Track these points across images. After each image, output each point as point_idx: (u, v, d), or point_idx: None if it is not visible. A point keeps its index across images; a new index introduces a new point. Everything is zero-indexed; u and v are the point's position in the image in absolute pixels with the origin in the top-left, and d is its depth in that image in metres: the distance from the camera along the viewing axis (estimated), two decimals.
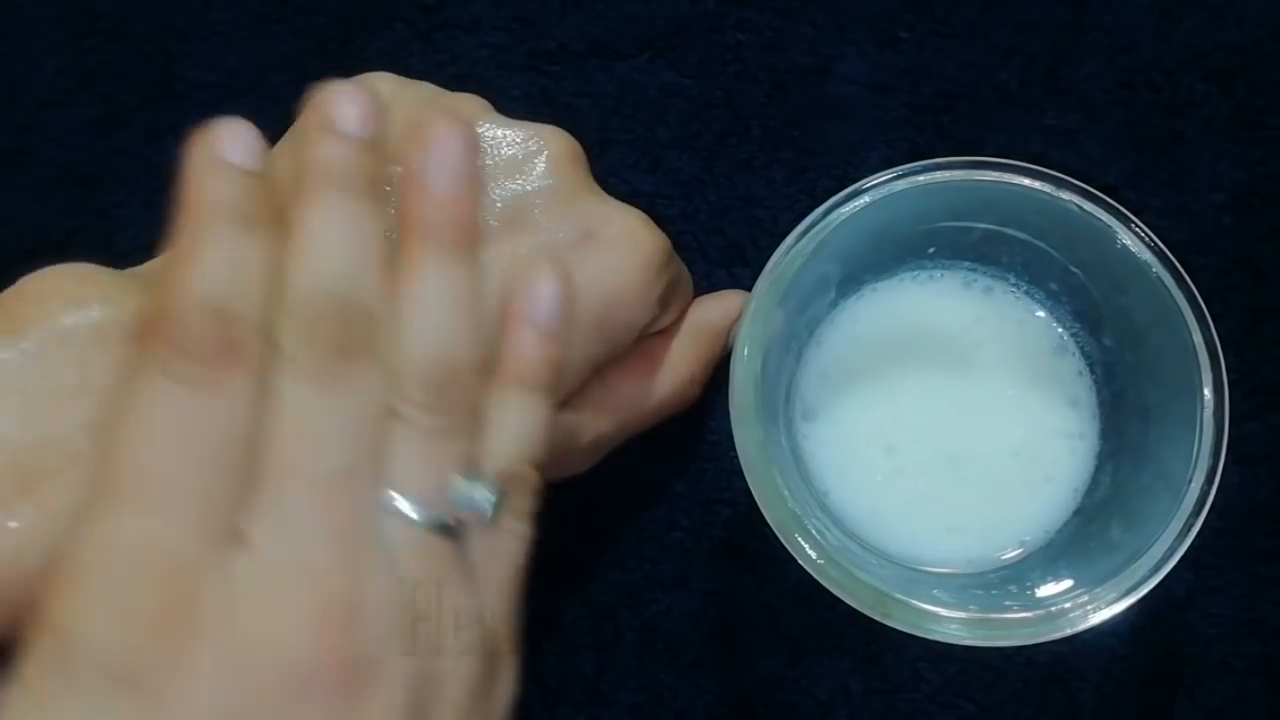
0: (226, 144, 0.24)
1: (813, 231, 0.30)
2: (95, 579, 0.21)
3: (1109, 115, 0.39)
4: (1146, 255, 0.30)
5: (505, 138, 0.30)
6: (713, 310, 0.35)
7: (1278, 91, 0.39)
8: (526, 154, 0.30)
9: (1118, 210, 0.30)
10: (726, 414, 0.29)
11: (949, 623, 0.28)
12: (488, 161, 0.30)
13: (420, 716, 0.23)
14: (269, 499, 0.22)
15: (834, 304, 0.34)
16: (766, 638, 0.36)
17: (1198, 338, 0.29)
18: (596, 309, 0.30)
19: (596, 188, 0.31)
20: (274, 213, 0.24)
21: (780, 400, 0.33)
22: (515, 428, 0.27)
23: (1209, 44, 0.39)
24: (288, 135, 0.30)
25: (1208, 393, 0.28)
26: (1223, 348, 0.29)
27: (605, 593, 0.36)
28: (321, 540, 0.22)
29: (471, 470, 0.25)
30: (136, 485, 0.22)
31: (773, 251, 0.30)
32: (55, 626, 0.21)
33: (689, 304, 0.34)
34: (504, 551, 0.26)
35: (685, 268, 0.34)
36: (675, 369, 0.33)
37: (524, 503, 0.26)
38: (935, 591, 0.29)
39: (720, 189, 0.39)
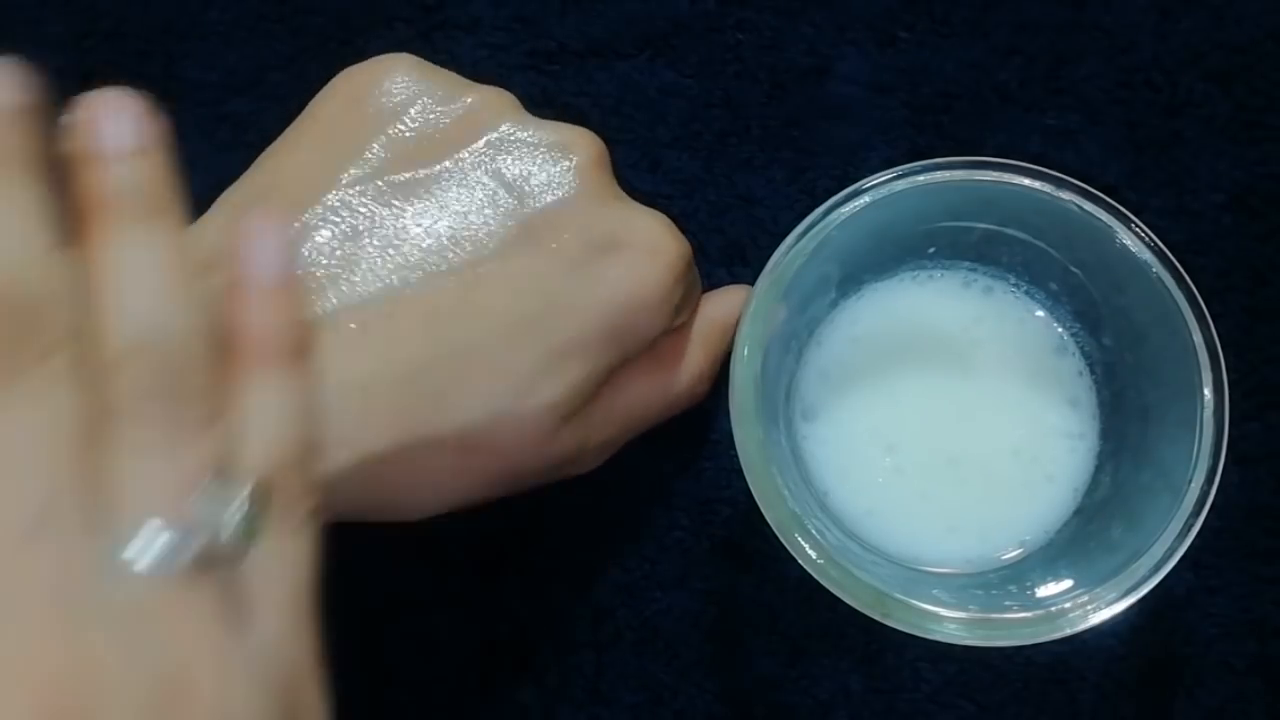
0: None
1: (813, 231, 0.30)
2: None
3: (1109, 115, 0.39)
4: (1146, 255, 0.30)
5: (531, 140, 0.30)
6: (719, 307, 0.34)
7: (1277, 91, 0.39)
8: (552, 158, 0.30)
9: (1117, 210, 0.30)
10: (726, 413, 0.29)
11: (949, 623, 0.28)
12: (513, 164, 0.30)
13: None
14: None
15: (834, 304, 0.34)
16: (766, 637, 0.36)
17: (1198, 338, 0.29)
18: (617, 316, 0.29)
19: (620, 191, 0.31)
20: None
21: (780, 400, 0.33)
22: (267, 416, 0.22)
23: (1209, 44, 0.39)
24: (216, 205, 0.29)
25: (1208, 393, 0.28)
26: (1223, 348, 0.29)
27: (605, 592, 0.36)
28: (25, 623, 0.17)
29: (223, 474, 0.20)
30: None
31: (773, 251, 0.30)
32: None
33: (699, 303, 0.34)
34: (284, 573, 0.21)
35: (697, 273, 0.34)
36: (685, 367, 0.33)
37: (297, 505, 0.22)
38: (935, 591, 0.29)
39: (720, 188, 0.39)
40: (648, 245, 0.30)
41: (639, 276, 0.30)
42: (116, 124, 0.22)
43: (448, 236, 0.29)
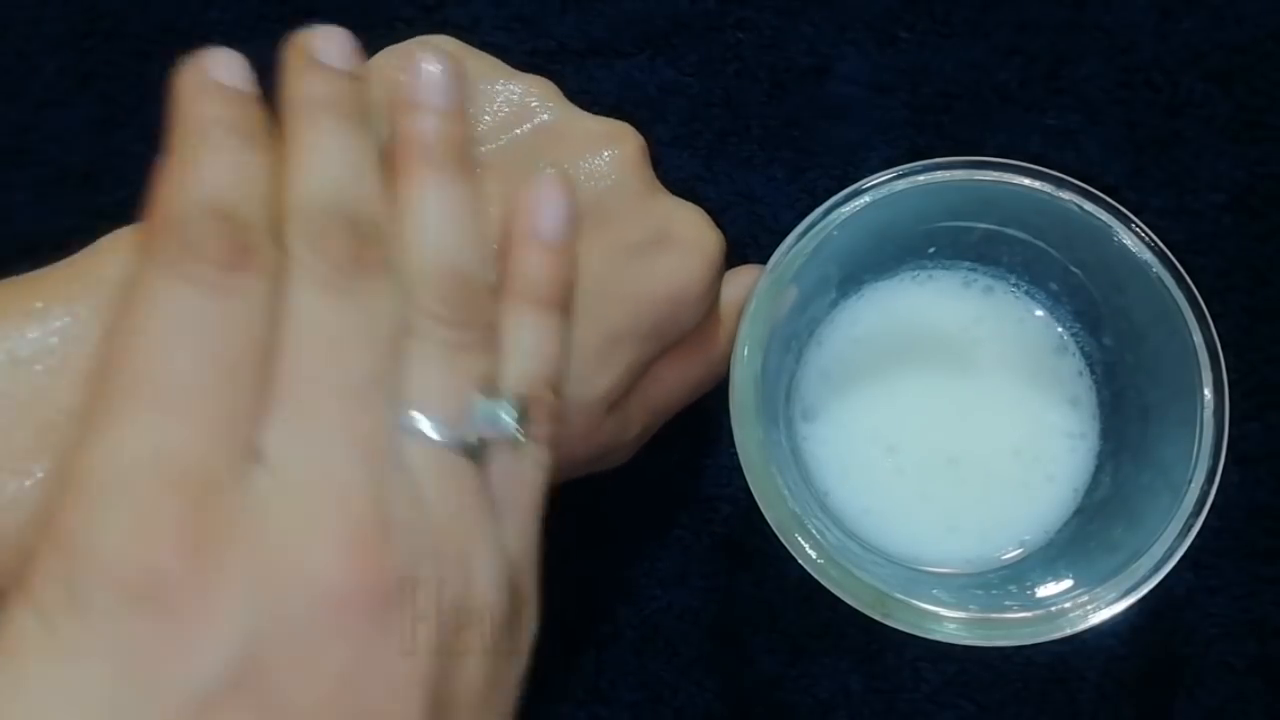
0: (218, 67, 0.24)
1: (813, 231, 0.30)
2: (109, 490, 0.20)
3: (1109, 115, 0.39)
4: (1146, 255, 0.30)
5: (578, 130, 0.30)
6: (736, 289, 0.35)
7: (1278, 91, 0.39)
8: (599, 148, 0.30)
9: (1118, 210, 0.30)
10: (726, 413, 0.29)
11: (949, 623, 0.28)
12: (561, 153, 0.30)
13: (449, 646, 0.22)
14: (288, 412, 0.21)
15: (834, 304, 0.34)
16: (766, 636, 0.36)
17: (1198, 338, 0.29)
18: (665, 309, 0.30)
19: (661, 187, 0.31)
20: (269, 135, 0.24)
21: (780, 400, 0.33)
22: (530, 346, 0.26)
23: (1209, 44, 0.39)
24: None
25: (1208, 393, 0.28)
26: (1223, 348, 0.29)
27: (605, 590, 0.36)
28: (344, 457, 0.21)
29: (491, 389, 0.24)
30: (152, 390, 0.20)
31: (773, 250, 0.30)
32: (64, 542, 0.19)
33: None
34: (526, 477, 0.25)
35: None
36: (710, 350, 0.33)
37: (544, 426, 0.25)
38: (935, 591, 0.29)
39: (720, 187, 0.39)
40: (694, 240, 0.30)
41: (688, 271, 0.30)
42: (439, 86, 0.26)
43: (498, 220, 0.28)
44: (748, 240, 0.38)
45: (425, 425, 0.23)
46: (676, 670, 0.36)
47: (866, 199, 0.30)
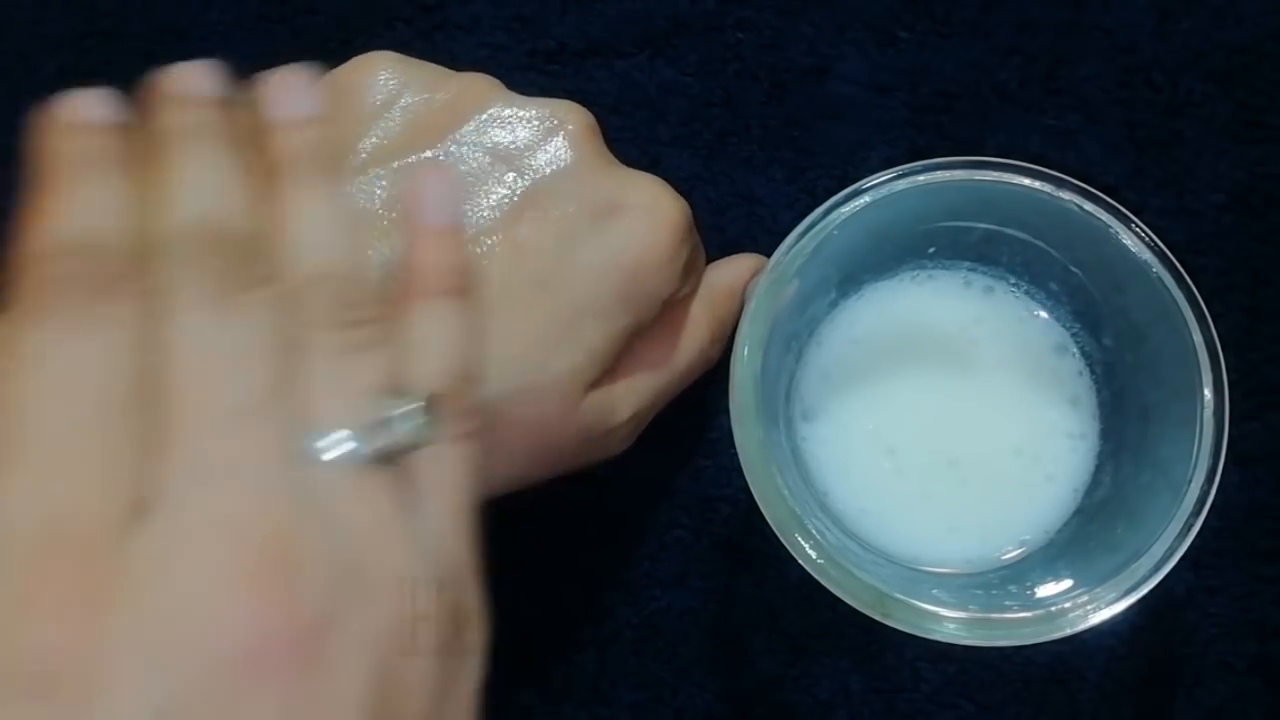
0: (79, 107, 0.23)
1: (813, 231, 0.30)
2: None
3: (1109, 115, 0.39)
4: (1146, 255, 0.30)
5: (521, 116, 0.31)
6: (726, 273, 0.35)
7: (1278, 91, 0.39)
8: (544, 131, 0.30)
9: (1118, 210, 0.30)
10: (726, 413, 0.29)
11: (949, 623, 0.28)
12: (507, 141, 0.30)
13: (391, 681, 0.21)
14: (179, 448, 0.20)
15: (834, 304, 0.34)
16: (766, 636, 0.36)
17: (1198, 338, 0.29)
18: (625, 278, 0.30)
19: (613, 158, 0.31)
20: (137, 165, 0.23)
21: (780, 400, 0.33)
22: (436, 339, 0.25)
23: (1209, 44, 0.39)
24: None
25: (1208, 393, 0.28)
26: (1223, 348, 0.29)
27: (605, 590, 0.36)
28: (240, 489, 0.20)
29: (396, 390, 0.23)
30: (28, 447, 0.19)
31: (773, 250, 0.30)
32: None
33: (703, 271, 0.35)
34: (448, 477, 0.24)
35: (699, 236, 0.34)
36: (696, 332, 0.34)
37: (462, 421, 0.24)
38: (935, 591, 0.29)
39: (720, 187, 0.39)
40: (648, 205, 0.31)
41: (643, 235, 0.30)
42: (293, 97, 0.25)
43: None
44: (747, 241, 0.38)
45: (327, 441, 0.21)
46: (676, 670, 0.36)
47: (866, 199, 0.30)
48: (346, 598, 0.20)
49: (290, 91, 0.25)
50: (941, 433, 0.33)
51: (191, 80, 0.25)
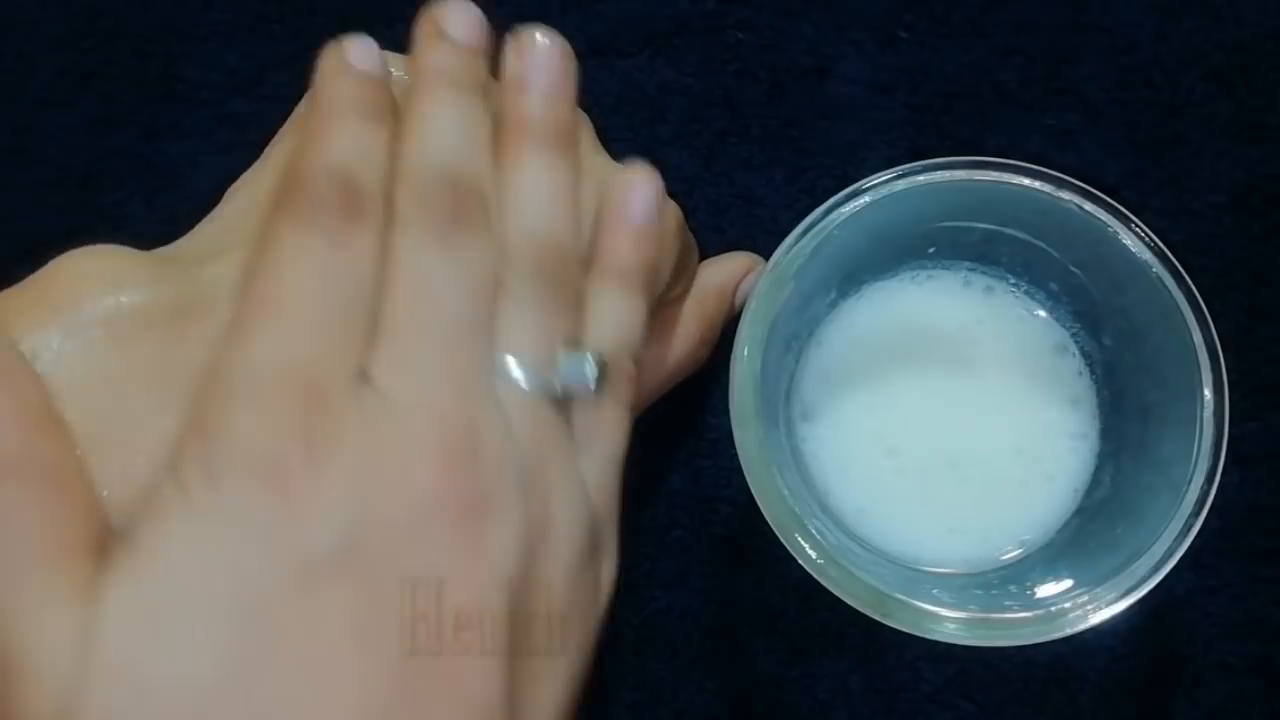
0: (354, 53, 0.27)
1: (813, 231, 0.30)
2: (242, 386, 0.23)
3: (1109, 115, 0.39)
4: (1146, 255, 0.30)
5: None
6: (717, 272, 0.35)
7: (1278, 91, 0.39)
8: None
9: (1118, 210, 0.30)
10: (726, 413, 0.29)
11: (949, 623, 0.28)
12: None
13: (530, 560, 0.24)
14: (393, 345, 0.24)
15: (834, 304, 0.34)
16: (766, 637, 0.36)
17: (1198, 338, 0.29)
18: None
19: (604, 152, 0.31)
20: (392, 112, 0.27)
21: (780, 400, 0.33)
22: (614, 317, 0.28)
23: (1209, 44, 0.39)
24: (288, 123, 0.30)
25: (1208, 393, 0.28)
26: (1223, 348, 0.29)
27: None
28: (442, 386, 0.24)
29: (576, 346, 0.27)
30: (279, 312, 0.24)
31: (772, 250, 0.30)
32: (204, 429, 0.23)
33: (696, 271, 0.34)
34: (606, 431, 0.27)
35: (692, 236, 0.34)
36: (686, 332, 0.34)
37: (622, 388, 0.28)
38: (935, 591, 0.29)
39: (720, 187, 0.39)
40: None
41: None
42: (542, 63, 0.29)
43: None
44: (747, 241, 0.38)
45: (514, 368, 0.25)
46: (676, 670, 0.36)
47: (866, 199, 0.30)
48: (512, 491, 0.24)
49: (547, 62, 0.29)
50: (941, 433, 0.33)
51: (455, 22, 0.28)
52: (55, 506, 0.23)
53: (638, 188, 0.29)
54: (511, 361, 0.25)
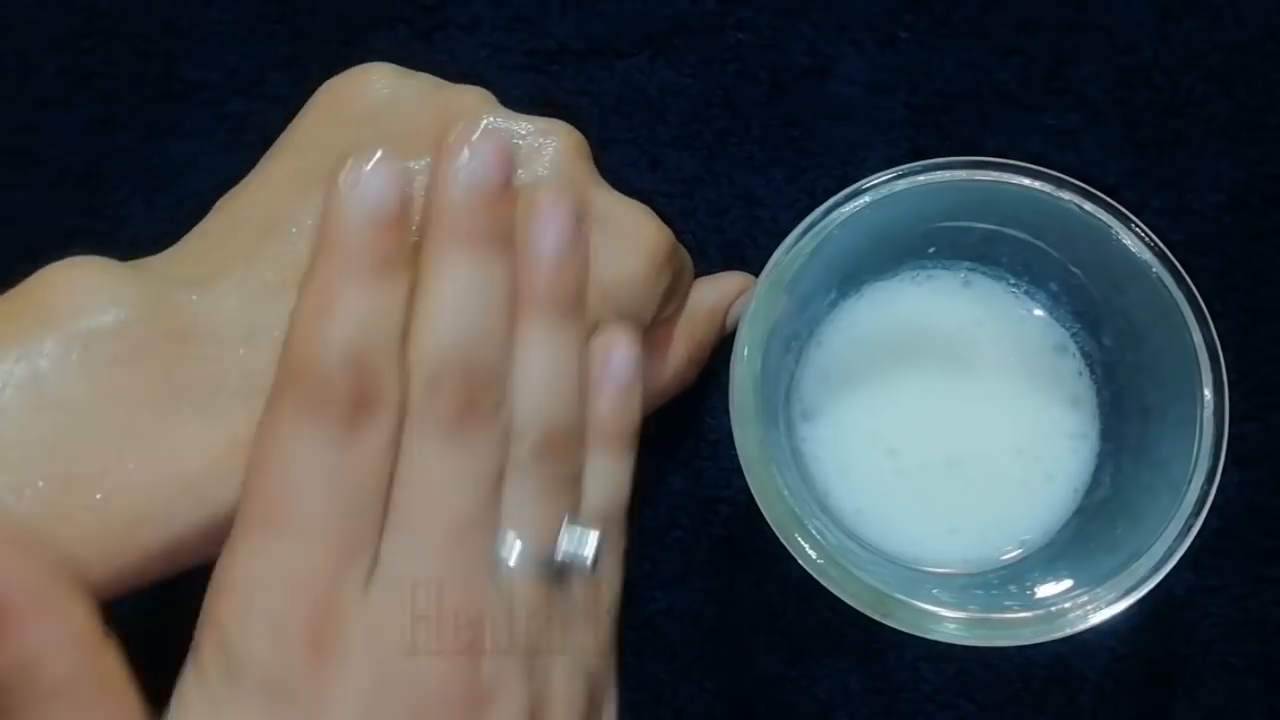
0: (369, 187, 0.25)
1: (813, 231, 0.30)
2: (252, 598, 0.24)
3: (1109, 115, 0.39)
4: (1146, 255, 0.30)
5: (512, 131, 0.30)
6: (709, 293, 0.35)
7: (1278, 91, 0.39)
8: (534, 148, 0.30)
9: (1118, 210, 0.30)
10: (726, 413, 0.29)
11: (949, 623, 0.28)
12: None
13: None
14: (401, 537, 0.25)
15: (834, 304, 0.34)
16: (766, 637, 0.36)
17: (1198, 338, 0.29)
18: (601, 296, 0.30)
19: (603, 181, 0.31)
20: (409, 254, 0.26)
21: (780, 400, 0.33)
22: (606, 480, 0.29)
23: (1209, 44, 0.39)
24: (288, 140, 0.30)
25: (1208, 393, 0.28)
26: (1223, 348, 0.29)
27: None
28: (450, 575, 0.25)
29: (575, 520, 0.27)
30: (282, 518, 0.24)
31: (772, 250, 0.30)
32: (221, 636, 0.24)
33: (689, 292, 0.34)
34: (601, 594, 0.28)
35: (689, 258, 0.34)
36: (674, 352, 0.34)
37: (618, 548, 0.29)
38: (935, 591, 0.29)
39: (720, 188, 0.39)
40: (629, 231, 0.30)
41: (620, 261, 0.30)
42: (552, 229, 0.27)
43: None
44: (747, 241, 0.38)
45: (516, 548, 0.26)
46: (676, 670, 0.36)
47: (866, 199, 0.30)
48: (514, 677, 0.25)
49: (557, 228, 0.27)
50: (942, 433, 0.33)
51: (471, 165, 0.26)
52: (104, 717, 0.23)
53: (616, 350, 0.29)
54: (514, 540, 0.26)
